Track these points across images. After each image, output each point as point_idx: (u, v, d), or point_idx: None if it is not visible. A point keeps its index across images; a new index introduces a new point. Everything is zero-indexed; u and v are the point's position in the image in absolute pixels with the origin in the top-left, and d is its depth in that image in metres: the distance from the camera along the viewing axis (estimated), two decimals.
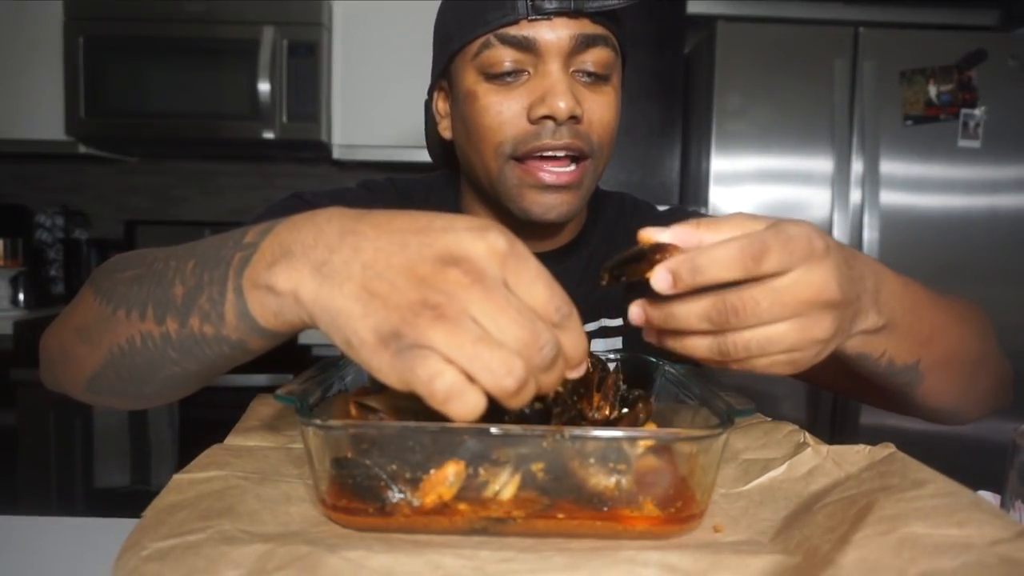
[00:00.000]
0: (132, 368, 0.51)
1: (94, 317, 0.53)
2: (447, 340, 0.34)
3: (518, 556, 0.38)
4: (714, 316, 0.43)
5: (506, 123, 0.69)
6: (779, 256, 0.42)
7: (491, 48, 0.68)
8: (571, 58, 0.68)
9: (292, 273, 0.39)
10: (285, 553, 0.37)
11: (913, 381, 0.58)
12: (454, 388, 0.34)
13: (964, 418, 0.69)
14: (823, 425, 1.94)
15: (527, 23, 0.67)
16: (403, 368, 0.35)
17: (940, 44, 1.90)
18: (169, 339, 0.47)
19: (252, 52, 2.07)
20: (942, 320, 0.58)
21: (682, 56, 2.14)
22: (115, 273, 0.54)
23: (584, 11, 0.67)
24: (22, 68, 2.13)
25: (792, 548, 0.40)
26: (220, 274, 0.43)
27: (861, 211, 1.90)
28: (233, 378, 1.89)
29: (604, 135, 0.71)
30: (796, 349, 0.44)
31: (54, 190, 2.53)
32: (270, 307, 0.41)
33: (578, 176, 0.70)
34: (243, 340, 0.44)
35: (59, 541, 0.57)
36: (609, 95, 0.71)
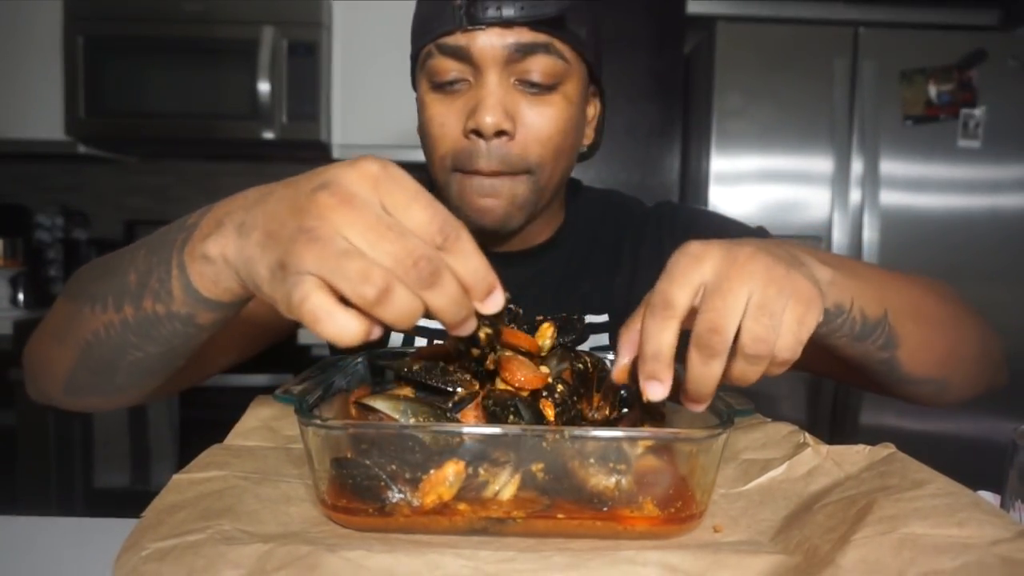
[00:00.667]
0: (100, 359, 0.53)
1: (64, 318, 0.56)
2: (316, 259, 0.35)
3: (518, 556, 0.38)
4: (707, 348, 0.42)
5: (447, 135, 0.70)
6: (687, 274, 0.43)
7: (433, 57, 0.69)
8: (509, 67, 0.68)
9: (220, 239, 0.42)
10: (285, 553, 0.37)
11: (890, 342, 0.58)
12: (321, 309, 0.35)
13: (955, 392, 0.67)
14: (823, 425, 1.94)
15: (463, 33, 0.67)
16: (285, 295, 0.36)
17: (940, 44, 1.90)
18: (128, 324, 0.49)
19: (252, 52, 2.07)
20: (892, 276, 0.60)
21: (682, 56, 2.14)
22: (82, 276, 0.58)
23: (516, 20, 0.66)
24: (22, 68, 2.13)
25: (792, 548, 0.40)
26: (166, 255, 0.46)
27: (861, 211, 1.90)
28: (233, 378, 1.89)
29: (545, 150, 0.70)
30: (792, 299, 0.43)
31: (54, 190, 2.53)
32: (208, 275, 0.44)
33: (505, 190, 0.70)
34: (192, 314, 0.47)
35: (59, 541, 0.57)
36: (556, 105, 0.70)
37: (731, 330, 0.42)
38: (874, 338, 0.57)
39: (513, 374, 0.49)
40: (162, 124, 2.12)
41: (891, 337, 0.57)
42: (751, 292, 0.42)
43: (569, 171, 0.77)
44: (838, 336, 0.55)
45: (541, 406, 0.48)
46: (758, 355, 0.42)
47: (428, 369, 0.49)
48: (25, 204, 2.49)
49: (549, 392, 0.49)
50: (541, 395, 0.49)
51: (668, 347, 0.43)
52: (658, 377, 0.43)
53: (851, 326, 0.54)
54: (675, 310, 0.43)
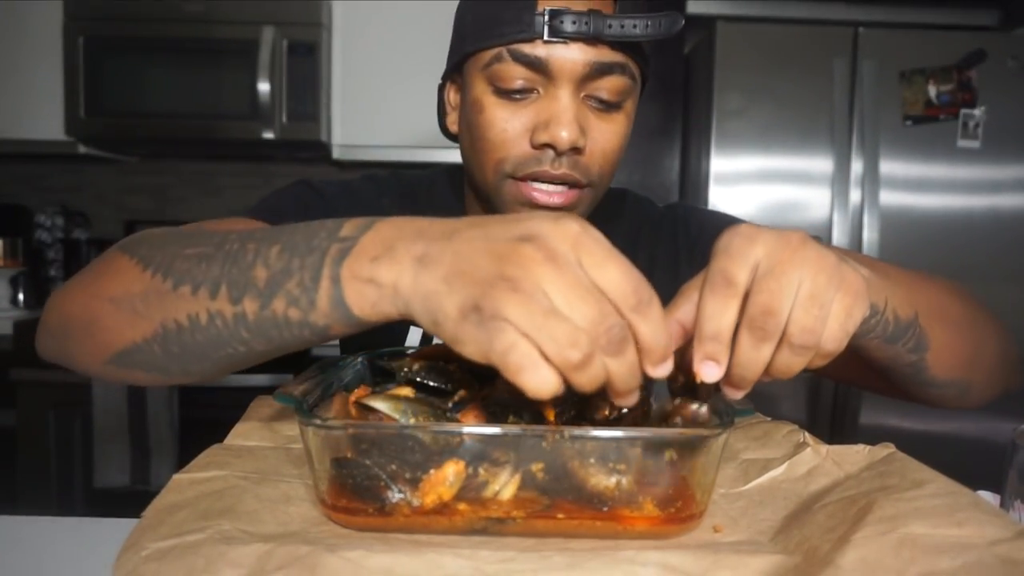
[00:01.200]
0: (189, 345, 0.49)
1: (143, 289, 0.51)
2: (520, 311, 0.36)
3: (518, 556, 0.38)
4: (760, 331, 0.41)
5: (509, 141, 0.68)
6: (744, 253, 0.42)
7: (502, 62, 0.66)
8: (584, 84, 0.67)
9: (394, 266, 0.41)
10: (285, 553, 0.37)
11: (920, 344, 0.57)
12: (527, 360, 0.36)
13: (976, 394, 0.66)
14: (823, 425, 1.94)
15: (542, 43, 0.65)
16: (482, 339, 0.37)
17: (940, 44, 1.90)
18: (244, 319, 0.46)
19: (252, 52, 2.07)
20: (918, 278, 0.60)
21: (682, 56, 2.14)
22: (166, 246, 0.52)
23: (603, 38, 0.64)
24: (22, 68, 2.13)
25: (792, 548, 0.40)
26: (314, 262, 0.43)
27: (861, 211, 1.90)
28: (233, 378, 1.89)
29: (606, 164, 0.70)
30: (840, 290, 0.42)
31: (54, 190, 2.53)
32: (369, 298, 0.42)
33: (572, 200, 0.70)
34: (329, 326, 0.45)
35: (59, 541, 0.57)
36: (619, 123, 0.70)
37: (785, 313, 0.40)
38: (904, 340, 0.56)
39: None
40: (162, 124, 2.12)
41: (921, 339, 0.57)
42: (802, 279, 0.41)
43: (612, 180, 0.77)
44: (871, 337, 0.54)
45: (541, 406, 0.48)
46: (805, 346, 0.41)
47: (428, 369, 0.49)
48: (25, 204, 2.49)
49: None
50: None
51: (728, 326, 0.41)
52: (716, 358, 0.42)
53: (884, 327, 0.53)
54: (736, 288, 0.41)
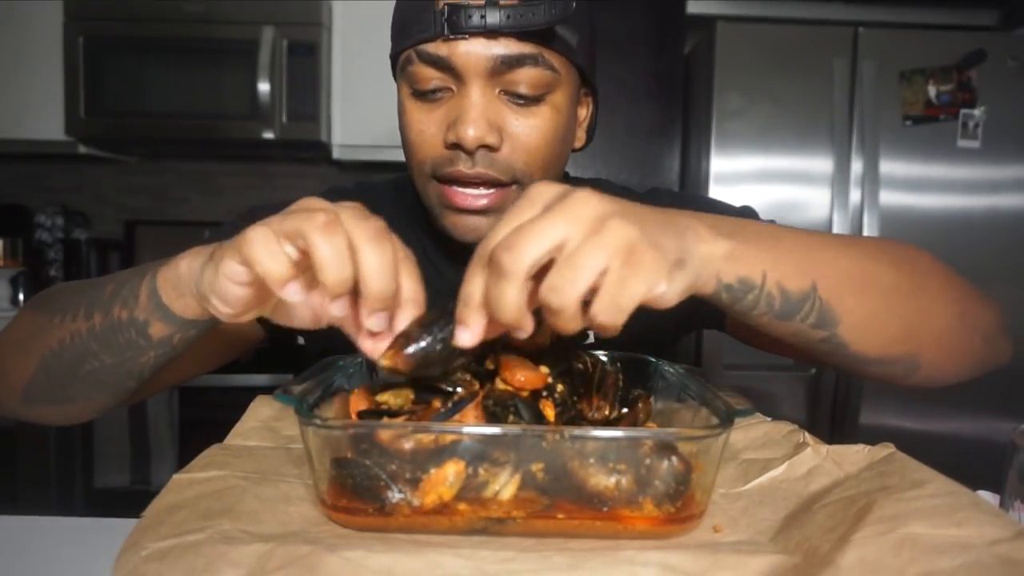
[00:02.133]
0: (59, 367, 0.57)
1: (31, 329, 0.59)
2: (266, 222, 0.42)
3: (518, 556, 0.38)
4: (496, 265, 0.39)
5: (427, 143, 0.67)
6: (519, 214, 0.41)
7: (413, 64, 0.66)
8: (495, 78, 0.65)
9: (195, 257, 0.48)
10: (285, 553, 0.37)
11: (824, 319, 0.51)
12: (264, 239, 0.41)
13: (933, 371, 0.59)
14: (823, 425, 1.94)
15: (444, 41, 0.64)
16: (235, 245, 0.42)
17: (940, 44, 1.90)
18: (93, 331, 0.54)
19: (252, 52, 2.07)
20: (827, 245, 0.53)
21: (682, 56, 2.14)
22: (55, 293, 0.61)
23: (502, 30, 0.61)
24: (22, 68, 2.13)
25: (792, 548, 0.40)
26: (146, 269, 0.52)
27: (861, 211, 1.90)
28: (233, 378, 1.89)
29: (533, 161, 0.67)
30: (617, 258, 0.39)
31: (54, 190, 2.53)
32: (171, 281, 0.49)
33: (496, 201, 0.67)
34: (147, 320, 0.52)
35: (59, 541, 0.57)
36: (543, 117, 0.67)
37: (525, 257, 0.38)
38: (802, 315, 0.51)
39: (513, 374, 0.49)
40: (162, 124, 2.12)
41: (825, 313, 0.51)
42: (567, 234, 0.39)
43: (559, 176, 0.74)
44: (756, 314, 0.50)
45: (541, 406, 0.48)
46: (553, 308, 0.39)
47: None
48: (25, 204, 2.49)
49: (549, 392, 0.49)
50: (541, 395, 0.49)
51: (478, 291, 0.42)
52: (464, 322, 0.43)
53: (769, 302, 0.49)
54: (484, 253, 0.41)
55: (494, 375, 0.51)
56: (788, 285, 0.49)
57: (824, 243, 0.53)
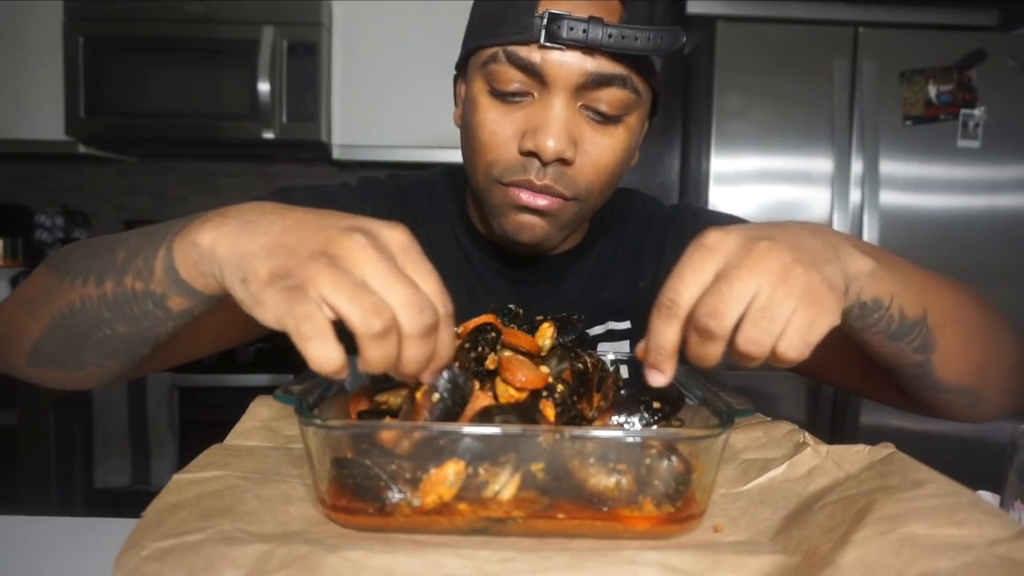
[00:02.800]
0: (70, 332, 0.54)
1: (42, 289, 0.57)
2: (331, 282, 0.37)
3: (518, 556, 0.38)
4: (704, 331, 0.42)
5: (499, 145, 0.66)
6: (700, 269, 0.43)
7: (498, 63, 0.65)
8: (580, 93, 0.64)
9: (217, 229, 0.44)
10: (285, 553, 0.37)
11: (926, 344, 0.56)
12: (319, 332, 0.37)
13: (989, 405, 0.65)
14: (823, 425, 1.94)
15: (538, 47, 0.62)
16: (282, 304, 0.38)
17: (940, 44, 1.90)
18: (105, 299, 0.51)
19: (252, 52, 2.07)
20: (932, 277, 0.58)
21: (682, 56, 2.14)
22: (70, 253, 0.58)
23: (601, 47, 0.61)
24: (22, 68, 2.13)
25: (792, 548, 0.40)
26: (159, 238, 0.48)
27: (861, 211, 1.90)
28: (233, 378, 1.89)
29: (597, 179, 0.68)
30: (803, 300, 0.42)
31: (54, 190, 2.53)
32: (191, 258, 0.45)
33: (555, 207, 0.67)
34: (165, 295, 0.49)
35: (59, 541, 0.57)
36: (617, 137, 0.67)
37: (730, 317, 0.41)
38: (910, 339, 0.55)
39: (513, 374, 0.49)
40: (162, 124, 2.12)
41: (928, 339, 0.56)
42: (759, 287, 0.42)
43: (609, 195, 0.74)
44: (873, 332, 0.53)
45: (541, 406, 0.48)
46: (749, 355, 0.42)
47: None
48: (25, 204, 2.49)
49: (549, 392, 0.49)
50: (541, 395, 0.49)
51: (670, 343, 0.44)
52: (659, 368, 0.45)
53: (888, 323, 0.53)
54: (679, 309, 0.43)
55: (494, 375, 0.51)
56: (907, 310, 0.53)
57: (929, 276, 0.58)
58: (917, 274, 0.55)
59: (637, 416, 0.49)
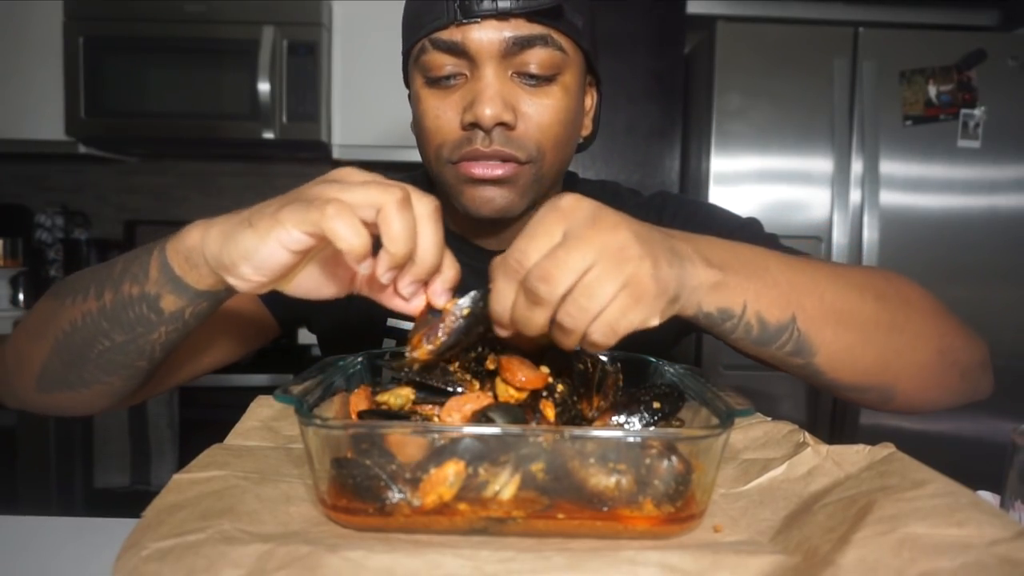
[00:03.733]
0: (72, 349, 0.57)
1: (46, 314, 0.60)
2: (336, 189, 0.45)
3: (518, 556, 0.38)
4: (532, 294, 0.43)
5: (443, 127, 0.69)
6: (548, 231, 0.44)
7: (427, 53, 0.68)
8: (507, 60, 0.67)
9: (206, 227, 0.49)
10: (285, 553, 0.37)
11: (802, 348, 0.54)
12: (342, 211, 0.43)
13: (907, 400, 0.61)
14: (823, 425, 1.94)
15: (457, 27, 0.66)
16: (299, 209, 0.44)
17: (940, 44, 1.90)
18: (104, 310, 0.54)
19: (252, 52, 2.07)
20: (814, 278, 0.55)
21: (682, 56, 2.14)
22: (70, 278, 0.62)
23: (512, 12, 0.64)
24: (22, 68, 2.13)
25: (792, 548, 0.40)
26: (155, 245, 0.53)
27: (861, 211, 1.90)
28: (233, 378, 1.89)
29: (545, 140, 0.69)
30: (626, 289, 0.43)
31: (54, 190, 2.53)
32: (182, 253, 0.50)
33: (511, 173, 0.69)
34: (158, 294, 0.52)
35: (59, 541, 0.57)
36: (554, 96, 0.69)
37: (560, 285, 0.42)
38: (779, 344, 0.54)
39: (513, 374, 0.49)
40: (162, 124, 2.12)
41: (803, 343, 0.54)
42: (593, 262, 0.42)
43: (568, 161, 0.76)
44: (733, 338, 0.53)
45: (541, 406, 0.48)
46: (565, 328, 0.44)
47: (428, 369, 0.49)
48: (25, 204, 2.49)
49: (549, 392, 0.49)
50: (541, 395, 0.49)
51: (511, 301, 0.45)
52: (501, 325, 0.47)
53: (747, 330, 0.52)
54: (523, 269, 0.44)
55: (494, 375, 0.51)
56: (767, 316, 0.52)
57: (812, 274, 0.55)
58: (789, 274, 0.53)
59: (637, 416, 0.49)
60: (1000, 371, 0.68)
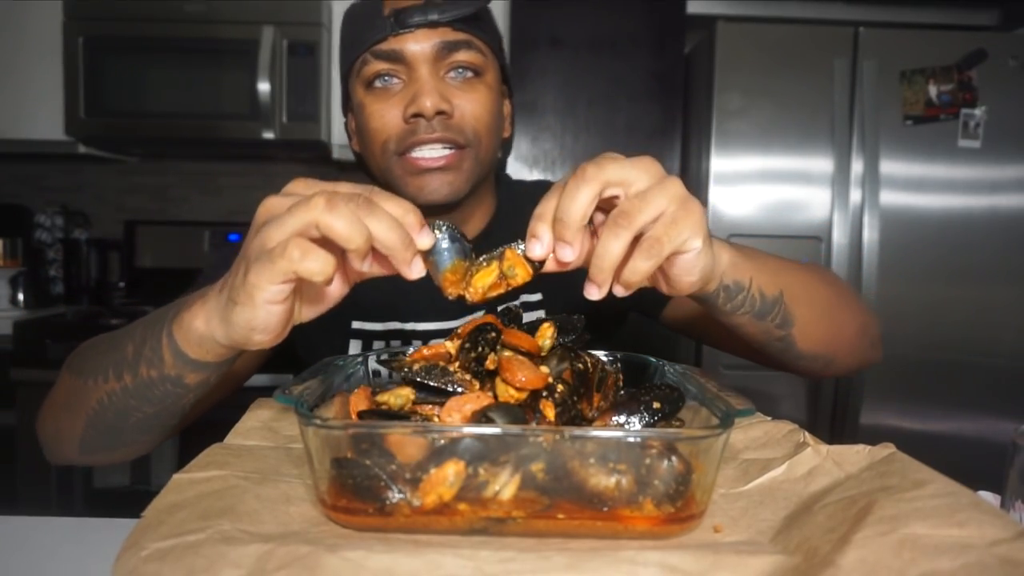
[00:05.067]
0: (106, 423, 0.61)
1: (71, 392, 0.64)
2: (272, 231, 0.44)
3: (518, 556, 0.38)
4: (612, 224, 0.46)
5: (388, 124, 0.78)
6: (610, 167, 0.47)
7: (368, 64, 0.78)
8: (438, 62, 0.78)
9: (205, 309, 0.50)
10: (285, 553, 0.37)
11: (786, 320, 0.65)
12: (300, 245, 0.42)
13: (839, 366, 0.75)
14: (823, 425, 1.94)
15: (394, 38, 0.76)
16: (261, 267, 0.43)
17: (940, 44, 1.90)
18: (127, 390, 0.58)
19: (252, 52, 2.07)
20: (784, 262, 0.68)
21: (682, 56, 2.14)
22: (83, 353, 0.66)
23: (440, 22, 0.76)
24: (22, 68, 2.13)
25: (792, 548, 0.40)
26: (159, 328, 0.54)
27: (861, 211, 1.90)
28: None
29: (478, 126, 0.79)
30: (692, 235, 0.47)
31: (54, 190, 2.52)
32: (192, 341, 0.51)
33: (454, 160, 0.78)
34: (180, 375, 0.54)
35: (59, 541, 0.57)
36: (481, 91, 0.80)
37: (608, 172, 0.46)
38: (772, 316, 0.64)
39: (513, 374, 0.49)
40: (162, 124, 2.12)
41: (787, 316, 0.65)
42: (639, 179, 0.47)
43: (497, 152, 0.86)
44: (741, 314, 0.61)
45: (541, 406, 0.48)
46: (616, 225, 0.46)
47: (428, 369, 0.49)
48: (25, 204, 2.48)
49: (549, 392, 0.49)
50: (541, 395, 0.49)
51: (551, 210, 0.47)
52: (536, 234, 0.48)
53: (752, 303, 0.61)
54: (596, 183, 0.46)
55: (494, 375, 0.51)
56: (766, 291, 0.62)
57: (780, 261, 0.67)
58: (771, 261, 0.65)
59: (637, 416, 0.49)
60: (1000, 371, 0.69)
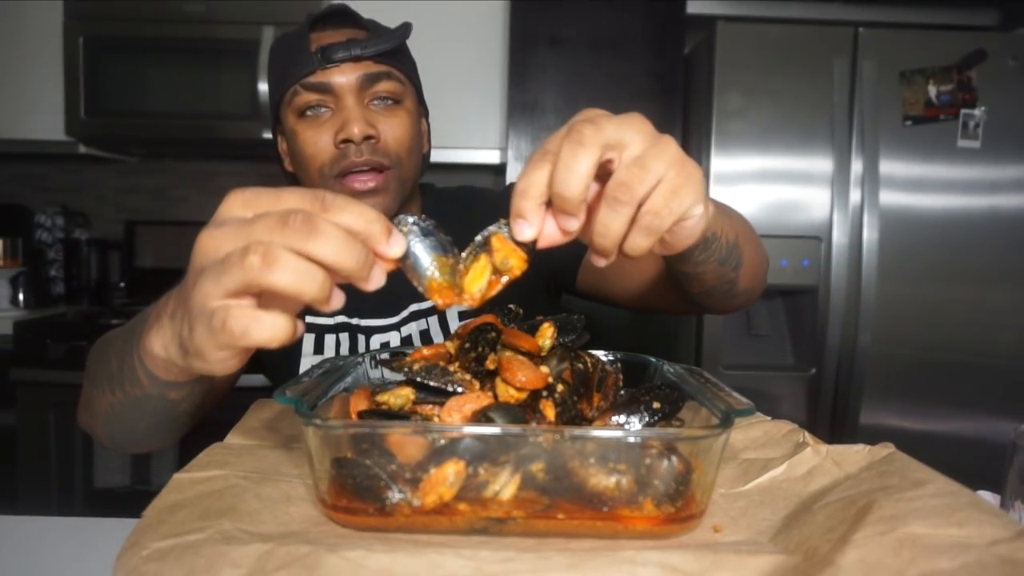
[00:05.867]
0: (118, 427, 0.65)
1: (86, 395, 0.68)
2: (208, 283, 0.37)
3: (518, 556, 0.38)
4: (612, 199, 0.42)
5: (321, 151, 0.86)
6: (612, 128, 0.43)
7: (299, 95, 0.86)
8: (363, 92, 0.86)
9: (160, 333, 0.46)
10: (285, 553, 0.37)
11: (739, 263, 0.71)
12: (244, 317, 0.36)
13: (752, 297, 0.83)
14: (823, 425, 1.94)
15: (322, 72, 0.84)
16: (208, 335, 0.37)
17: (940, 44, 1.90)
18: (124, 402, 0.59)
19: (252, 52, 2.07)
20: (727, 207, 0.74)
21: (682, 56, 2.14)
22: (93, 355, 0.69)
23: (363, 56, 0.84)
24: (22, 68, 2.13)
25: (792, 548, 0.40)
26: (131, 346, 0.54)
27: (861, 211, 1.90)
28: None
29: (400, 148, 0.88)
30: (693, 202, 0.44)
31: (54, 190, 2.52)
32: (160, 365, 0.49)
33: (381, 182, 0.86)
34: (162, 393, 0.55)
35: (59, 541, 0.57)
36: (402, 116, 0.88)
37: (606, 133, 0.42)
38: (731, 260, 0.69)
39: (513, 374, 0.49)
40: (162, 124, 2.12)
41: (739, 258, 0.71)
42: (633, 140, 0.43)
43: (419, 169, 0.94)
44: (712, 261, 0.65)
45: (541, 406, 0.48)
46: (619, 198, 0.42)
47: (428, 369, 0.49)
48: (25, 204, 2.48)
49: (549, 392, 0.49)
50: (541, 395, 0.49)
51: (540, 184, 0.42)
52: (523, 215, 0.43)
53: (719, 250, 0.65)
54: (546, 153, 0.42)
55: (494, 375, 0.51)
56: (729, 237, 0.66)
57: (724, 205, 0.72)
58: (720, 205, 0.69)
59: (637, 416, 0.49)
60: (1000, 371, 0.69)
